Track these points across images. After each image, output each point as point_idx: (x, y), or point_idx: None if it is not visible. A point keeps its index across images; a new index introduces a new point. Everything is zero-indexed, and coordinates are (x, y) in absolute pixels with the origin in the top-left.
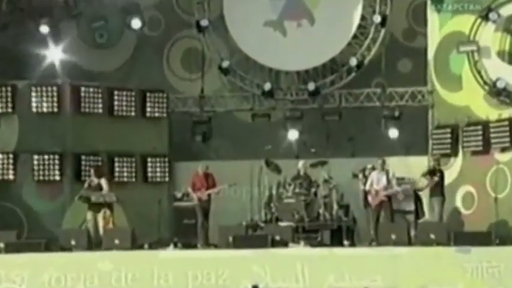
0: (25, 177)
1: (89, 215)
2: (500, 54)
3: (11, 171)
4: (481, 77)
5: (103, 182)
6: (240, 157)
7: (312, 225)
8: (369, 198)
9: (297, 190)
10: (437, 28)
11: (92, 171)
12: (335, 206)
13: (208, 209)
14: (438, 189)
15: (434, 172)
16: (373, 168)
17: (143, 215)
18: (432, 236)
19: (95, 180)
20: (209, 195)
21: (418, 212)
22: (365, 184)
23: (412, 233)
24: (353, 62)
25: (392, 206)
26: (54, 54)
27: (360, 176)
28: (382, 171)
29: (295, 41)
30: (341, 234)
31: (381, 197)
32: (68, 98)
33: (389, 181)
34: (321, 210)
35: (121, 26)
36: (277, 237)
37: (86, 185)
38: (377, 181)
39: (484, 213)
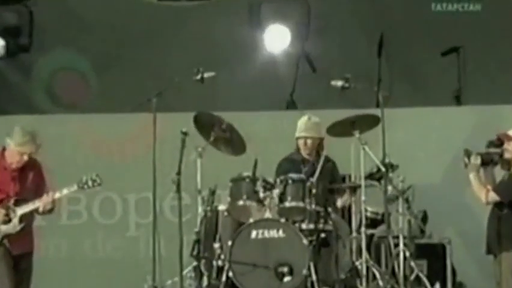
0: None
1: None
2: None
3: None
4: None
5: None
6: (118, 106)
7: None
8: None
9: (290, 203)
10: None
11: None
12: (403, 249)
13: (29, 257)
14: None
15: None
16: None
17: None
18: None
19: None
20: (32, 214)
21: None
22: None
23: None
24: None
25: None
26: None
27: (474, 158)
28: None
29: None
30: None
31: None
32: None
33: None
34: (360, 262)
35: None
36: None
37: None
38: None
39: None
